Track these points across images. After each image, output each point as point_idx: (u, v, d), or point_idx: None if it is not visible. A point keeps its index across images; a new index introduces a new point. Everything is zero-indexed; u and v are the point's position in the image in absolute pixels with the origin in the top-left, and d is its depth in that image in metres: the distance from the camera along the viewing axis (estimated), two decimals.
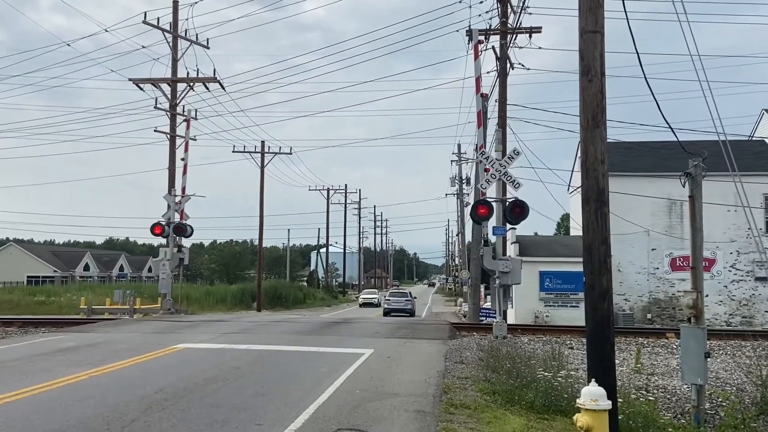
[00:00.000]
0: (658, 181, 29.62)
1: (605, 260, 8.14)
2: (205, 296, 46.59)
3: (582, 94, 8.43)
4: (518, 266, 16.85)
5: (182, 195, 26.75)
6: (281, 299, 53.38)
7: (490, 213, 17.15)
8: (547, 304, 28.82)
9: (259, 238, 49.11)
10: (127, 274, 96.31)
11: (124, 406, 8.04)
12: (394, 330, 18.40)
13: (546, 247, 31.50)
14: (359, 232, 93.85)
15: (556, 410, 8.69)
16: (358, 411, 7.93)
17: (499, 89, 25.15)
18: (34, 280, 74.47)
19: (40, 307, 38.11)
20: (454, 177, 54.85)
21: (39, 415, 7.56)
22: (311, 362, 11.99)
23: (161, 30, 30.04)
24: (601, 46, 8.43)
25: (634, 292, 30.03)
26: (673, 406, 10.40)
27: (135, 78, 29.99)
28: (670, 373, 12.90)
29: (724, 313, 29.32)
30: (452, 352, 13.92)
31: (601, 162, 8.27)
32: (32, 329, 19.25)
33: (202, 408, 7.97)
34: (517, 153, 17.52)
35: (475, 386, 9.97)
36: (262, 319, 24.21)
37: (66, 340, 15.52)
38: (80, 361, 11.90)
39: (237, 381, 9.85)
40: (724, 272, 29.43)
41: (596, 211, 8.19)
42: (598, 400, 6.23)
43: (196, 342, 14.86)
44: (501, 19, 25.43)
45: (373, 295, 58.86)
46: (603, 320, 8.01)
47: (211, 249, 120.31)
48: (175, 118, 30.30)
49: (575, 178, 36.44)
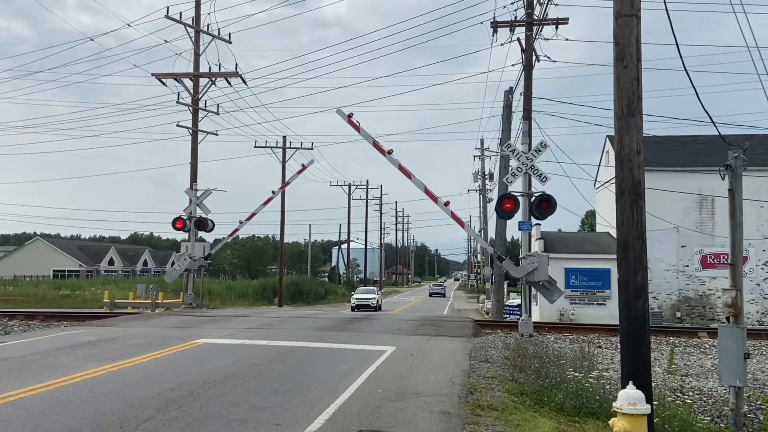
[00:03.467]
0: (689, 176, 28.86)
1: (641, 256, 7.72)
2: (226, 291, 46.71)
3: (616, 81, 8.01)
4: (545, 262, 16.39)
5: (204, 190, 26.72)
6: (302, 295, 53.31)
7: (516, 207, 16.72)
8: (573, 302, 28.23)
9: (280, 234, 49.06)
10: (151, 269, 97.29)
11: (140, 403, 7.83)
12: (416, 327, 18.07)
13: (572, 243, 30.90)
14: (380, 227, 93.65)
15: (587, 413, 8.29)
16: (380, 411, 7.61)
17: (524, 82, 24.58)
18: (60, 274, 75.58)
19: (64, 301, 38.49)
20: (476, 172, 54.14)
21: (53, 412, 7.37)
22: (332, 359, 11.71)
23: (184, 24, 29.96)
24: (637, 30, 8.01)
25: (663, 290, 29.33)
26: (709, 409, 9.93)
27: (158, 73, 29.97)
28: (705, 374, 12.40)
29: (756, 311, 28.50)
30: (477, 350, 13.55)
31: (636, 153, 7.85)
32: (54, 323, 19.29)
33: (220, 406, 7.72)
34: (544, 146, 17.06)
35: (502, 386, 9.59)
36: (282, 315, 24.05)
37: (86, 334, 15.46)
38: (99, 355, 11.77)
39: (256, 378, 9.61)
40: (756, 270, 28.59)
41: (631, 204, 7.78)
42: (636, 404, 5.87)
43: (216, 337, 14.68)
44: (527, 11, 24.84)
45: (370, 294, 43.54)
46: (638, 320, 7.60)
47: (233, 244, 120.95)
48: (197, 113, 30.24)
49: (602, 173, 35.70)
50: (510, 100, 27.54)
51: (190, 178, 28.86)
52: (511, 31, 25.38)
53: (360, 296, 42.82)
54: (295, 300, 51.19)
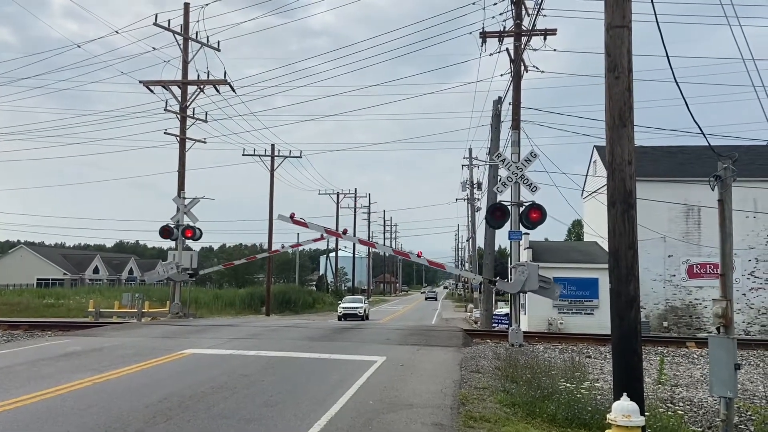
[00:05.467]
0: (675, 186, 29.08)
1: (632, 266, 7.74)
2: (213, 300, 46.30)
3: (608, 91, 8.05)
4: (535, 272, 16.41)
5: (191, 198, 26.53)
6: (290, 304, 53.00)
7: (506, 217, 16.75)
8: (561, 311, 28.26)
9: (268, 242, 48.79)
10: (137, 277, 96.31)
11: (127, 415, 7.69)
12: (406, 336, 17.98)
13: (560, 253, 30.97)
14: (369, 236, 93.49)
15: (579, 424, 8.25)
16: (372, 424, 7.53)
17: (513, 92, 24.67)
18: (44, 283, 74.58)
19: (48, 310, 37.94)
20: (464, 181, 54.28)
21: (39, 424, 7.22)
22: (322, 370, 11.60)
23: (172, 32, 29.82)
24: (628, 41, 8.07)
25: (650, 300, 29.45)
26: (700, 420, 9.93)
27: (145, 80, 29.80)
28: (695, 384, 12.43)
29: (743, 321, 28.70)
30: (467, 360, 13.49)
31: (628, 163, 7.89)
32: (39, 332, 19.00)
33: (209, 419, 7.60)
34: (534, 155, 17.12)
35: (494, 397, 9.54)
36: (271, 324, 23.87)
37: (72, 344, 15.22)
38: (85, 366, 11.58)
39: (245, 390, 9.48)
40: (742, 280, 28.80)
41: (623, 214, 7.81)
42: (630, 416, 5.84)
43: (204, 347, 14.51)
44: (515, 21, 25.00)
45: (357, 304, 42.23)
46: (630, 330, 7.60)
47: (220, 252, 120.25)
48: (185, 121, 30.06)
49: (590, 183, 35.89)
50: (499, 110, 27.66)
51: (178, 186, 28.65)
52: (500, 41, 25.53)
53: (347, 305, 41.69)
54: (283, 309, 50.86)
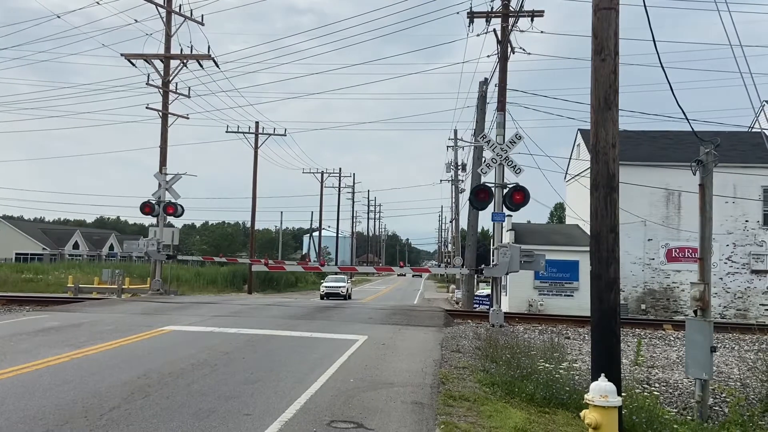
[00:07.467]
0: (657, 171, 29.30)
1: (613, 249, 7.80)
2: (195, 277, 46.06)
3: (594, 74, 8.02)
4: (517, 254, 16.49)
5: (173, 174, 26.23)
6: (273, 282, 52.92)
7: (489, 198, 16.77)
8: (542, 293, 28.56)
9: (251, 220, 48.58)
10: (117, 254, 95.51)
11: (105, 391, 7.63)
12: (388, 316, 18.06)
13: (542, 235, 31.21)
14: (352, 216, 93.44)
15: (557, 403, 8.35)
16: (352, 401, 7.55)
17: (499, 74, 24.62)
18: (23, 257, 73.73)
19: (27, 285, 37.53)
20: (449, 163, 54.22)
21: (14, 399, 7.14)
22: (303, 348, 11.61)
23: (155, 4, 29.27)
24: (615, 23, 8.04)
25: (629, 283, 29.81)
26: (675, 401, 10.11)
27: (127, 53, 29.22)
28: (671, 366, 12.62)
29: (719, 305, 29.17)
30: (448, 340, 13.58)
31: (612, 146, 7.90)
32: (16, 307, 18.78)
33: (188, 396, 7.57)
34: (519, 138, 17.11)
35: (474, 377, 9.62)
36: (252, 302, 23.82)
37: (50, 319, 15.07)
38: (63, 342, 11.47)
39: (225, 367, 9.46)
40: (720, 264, 29.22)
41: (605, 198, 7.84)
42: (608, 397, 5.89)
43: (185, 324, 14.45)
44: (503, 2, 24.88)
45: (340, 283, 41.69)
46: (609, 312, 7.68)
47: (203, 230, 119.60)
48: (168, 96, 29.63)
49: (573, 166, 36.05)
50: (485, 91, 27.61)
51: (160, 162, 28.32)
52: (488, 22, 25.43)
53: (329, 284, 41.22)
54: (265, 287, 50.80)
